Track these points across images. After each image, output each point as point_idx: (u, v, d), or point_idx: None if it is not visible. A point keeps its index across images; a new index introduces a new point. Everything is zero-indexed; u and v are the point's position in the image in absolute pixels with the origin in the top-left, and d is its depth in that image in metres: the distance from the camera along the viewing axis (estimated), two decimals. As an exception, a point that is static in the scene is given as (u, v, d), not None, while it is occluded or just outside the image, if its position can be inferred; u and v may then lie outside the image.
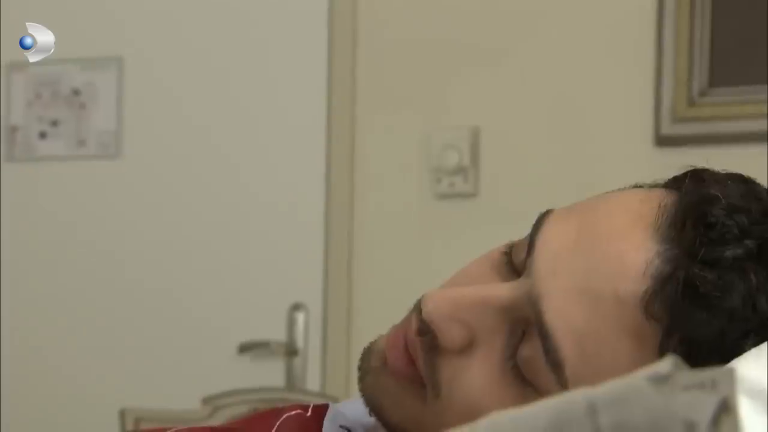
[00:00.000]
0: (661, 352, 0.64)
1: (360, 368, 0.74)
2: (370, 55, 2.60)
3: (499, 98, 2.50)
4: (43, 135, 2.83)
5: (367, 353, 0.74)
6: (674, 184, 0.71)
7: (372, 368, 0.73)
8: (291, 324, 2.58)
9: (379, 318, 0.90)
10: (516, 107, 2.48)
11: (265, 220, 2.64)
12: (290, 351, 2.57)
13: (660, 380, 0.43)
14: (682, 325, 0.64)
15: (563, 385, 0.66)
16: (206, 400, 2.04)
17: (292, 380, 2.57)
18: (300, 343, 2.58)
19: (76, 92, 2.81)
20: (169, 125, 2.73)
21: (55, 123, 2.82)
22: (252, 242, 2.64)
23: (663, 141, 2.31)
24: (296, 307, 2.58)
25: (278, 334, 2.59)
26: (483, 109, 2.51)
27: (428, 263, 2.47)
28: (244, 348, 2.58)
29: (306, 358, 2.58)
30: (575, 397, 0.43)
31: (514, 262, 0.71)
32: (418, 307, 0.71)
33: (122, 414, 2.05)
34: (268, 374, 2.58)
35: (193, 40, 2.72)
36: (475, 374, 0.68)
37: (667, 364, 0.43)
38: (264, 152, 2.66)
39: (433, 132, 2.53)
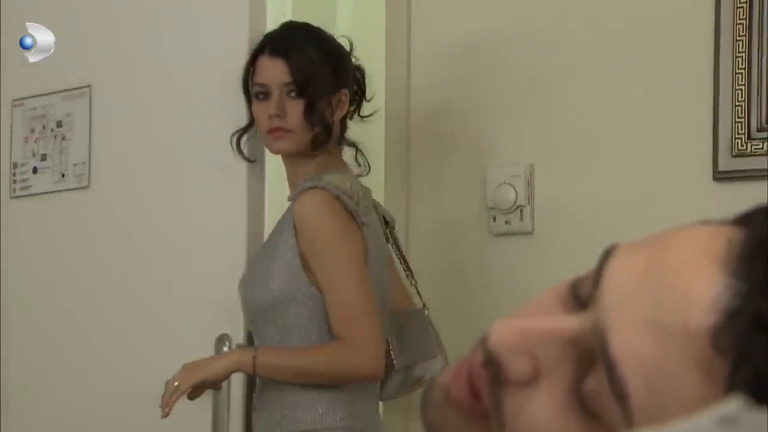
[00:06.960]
0: (729, 387, 0.63)
1: (422, 401, 0.74)
2: (424, 92, 2.61)
3: (554, 135, 2.50)
4: (35, 170, 2.89)
5: (431, 386, 0.74)
6: (742, 219, 0.71)
7: (434, 401, 0.73)
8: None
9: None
10: (571, 144, 2.47)
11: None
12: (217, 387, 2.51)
13: (727, 421, 0.42)
14: (751, 360, 0.63)
15: (629, 418, 0.65)
16: None
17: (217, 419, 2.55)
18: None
19: (59, 124, 2.84)
20: (137, 154, 2.74)
21: (44, 157, 2.87)
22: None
23: (721, 176, 2.29)
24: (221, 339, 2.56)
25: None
26: (538, 147, 2.51)
27: (485, 302, 2.47)
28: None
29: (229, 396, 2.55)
30: (644, 437, 0.43)
31: (580, 294, 0.71)
32: (483, 339, 0.71)
33: None
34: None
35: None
36: (540, 406, 0.68)
37: (733, 405, 0.42)
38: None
39: (488, 170, 2.53)
